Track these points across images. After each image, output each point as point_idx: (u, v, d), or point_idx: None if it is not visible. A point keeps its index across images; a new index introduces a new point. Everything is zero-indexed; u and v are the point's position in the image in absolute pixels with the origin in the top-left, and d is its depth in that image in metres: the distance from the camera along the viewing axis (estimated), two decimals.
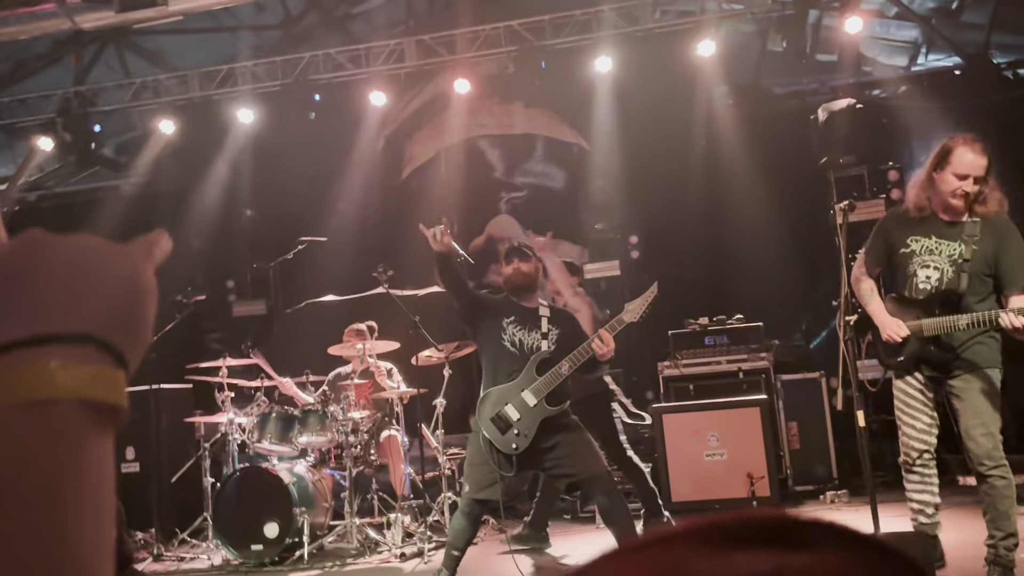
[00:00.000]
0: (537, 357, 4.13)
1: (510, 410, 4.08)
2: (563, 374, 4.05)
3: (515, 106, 8.89)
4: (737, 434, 5.87)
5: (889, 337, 3.62)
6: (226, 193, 9.19)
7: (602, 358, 4.00)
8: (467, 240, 8.34)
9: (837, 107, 7.01)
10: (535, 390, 4.06)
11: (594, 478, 4.06)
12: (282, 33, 9.34)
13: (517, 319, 4.23)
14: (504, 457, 4.09)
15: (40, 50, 8.69)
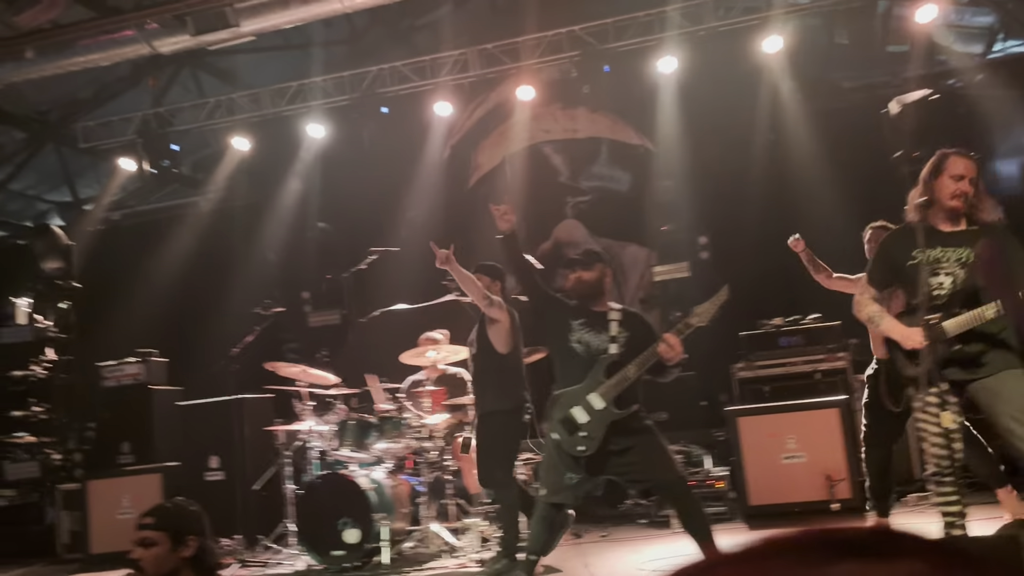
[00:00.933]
0: (605, 360, 4.13)
1: (577, 413, 4.09)
2: (630, 377, 4.03)
3: (579, 110, 8.90)
4: (816, 436, 5.77)
5: (914, 345, 3.60)
6: (299, 206, 9.42)
7: (669, 362, 3.98)
8: (534, 246, 8.38)
9: (910, 99, 6.83)
10: (602, 393, 4.06)
11: (668, 483, 4.04)
12: (349, 48, 9.54)
13: (586, 321, 4.23)
14: (572, 459, 4.10)
15: (120, 74, 9.05)
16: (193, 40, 5.87)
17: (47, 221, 9.93)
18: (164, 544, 2.59)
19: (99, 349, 8.50)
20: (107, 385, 7.83)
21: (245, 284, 8.92)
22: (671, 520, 5.79)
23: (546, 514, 4.23)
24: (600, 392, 4.05)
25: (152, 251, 9.69)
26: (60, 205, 10.77)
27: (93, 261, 9.28)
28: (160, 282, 9.43)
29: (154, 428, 7.64)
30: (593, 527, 6.30)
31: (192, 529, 2.71)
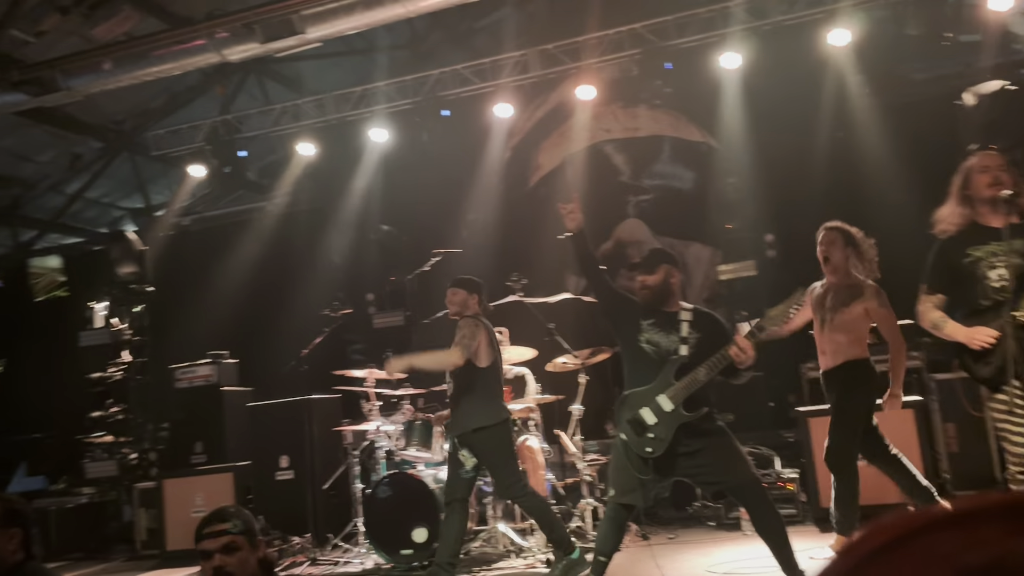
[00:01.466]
0: (675, 361, 4.08)
1: (646, 414, 4.05)
2: (700, 380, 3.97)
3: (640, 109, 8.84)
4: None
5: (981, 344, 3.49)
6: (363, 209, 9.55)
7: (741, 365, 3.92)
8: (595, 246, 8.32)
9: (986, 90, 6.63)
10: (672, 395, 4.01)
11: (741, 485, 3.98)
12: (410, 52, 9.63)
13: (656, 321, 4.18)
14: (641, 461, 4.07)
15: (190, 83, 9.29)
16: (261, 48, 5.99)
17: (122, 227, 10.25)
18: (246, 548, 2.56)
19: (172, 351, 8.75)
20: (180, 386, 8.05)
21: (311, 287, 9.07)
22: (742, 522, 5.72)
23: (615, 515, 4.21)
24: (669, 394, 4.00)
25: (221, 255, 9.93)
26: (133, 211, 11.11)
27: (165, 266, 9.55)
28: (230, 285, 9.66)
29: (225, 428, 7.82)
30: (661, 529, 6.25)
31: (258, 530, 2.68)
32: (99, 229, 11.15)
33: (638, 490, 4.06)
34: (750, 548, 5.05)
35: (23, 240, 10.88)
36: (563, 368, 6.42)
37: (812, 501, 5.78)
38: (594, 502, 6.05)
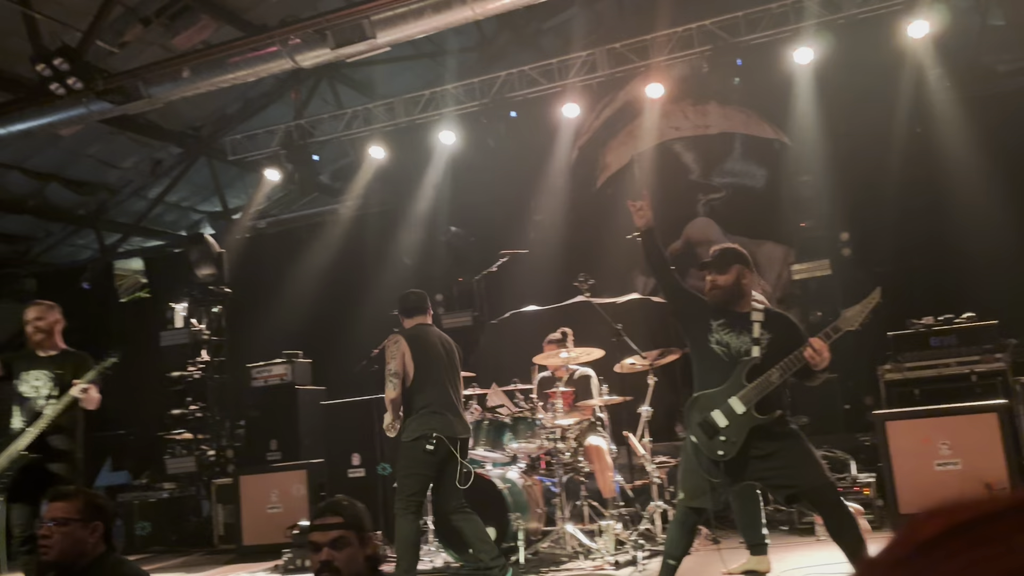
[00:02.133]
0: (747, 363, 3.99)
1: (717, 416, 3.98)
2: (773, 382, 3.89)
3: (710, 106, 8.72)
4: (972, 442, 5.44)
5: None
6: (432, 211, 9.66)
7: (816, 367, 3.82)
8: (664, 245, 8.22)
9: None
10: (743, 397, 3.93)
11: (816, 489, 3.88)
12: (478, 54, 9.70)
13: (727, 322, 4.10)
14: (712, 464, 4.00)
15: (264, 89, 9.54)
16: (332, 53, 6.10)
17: (200, 231, 10.56)
18: (354, 544, 2.49)
19: (248, 351, 8.98)
20: (256, 385, 8.25)
21: (382, 287, 9.20)
22: (815, 527, 5.59)
23: (684, 518, 4.16)
24: (741, 396, 3.93)
25: (295, 257, 10.16)
26: (211, 215, 11.45)
27: (242, 267, 9.81)
28: (303, 286, 9.87)
29: (299, 426, 7.99)
30: (732, 532, 6.15)
31: (370, 526, 2.60)
32: (179, 232, 11.52)
33: (708, 493, 4.00)
34: (824, 554, 4.93)
35: (108, 243, 11.31)
36: (631, 369, 6.37)
37: (889, 506, 5.61)
38: (663, 504, 5.99)
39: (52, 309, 5.31)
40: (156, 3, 7.53)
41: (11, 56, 7.34)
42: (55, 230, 11.16)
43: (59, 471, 4.99)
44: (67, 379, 5.07)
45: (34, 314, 5.23)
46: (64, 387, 5.04)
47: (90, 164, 9.81)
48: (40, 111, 6.55)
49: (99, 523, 3.06)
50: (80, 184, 10.13)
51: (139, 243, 11.58)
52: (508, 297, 7.99)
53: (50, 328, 5.25)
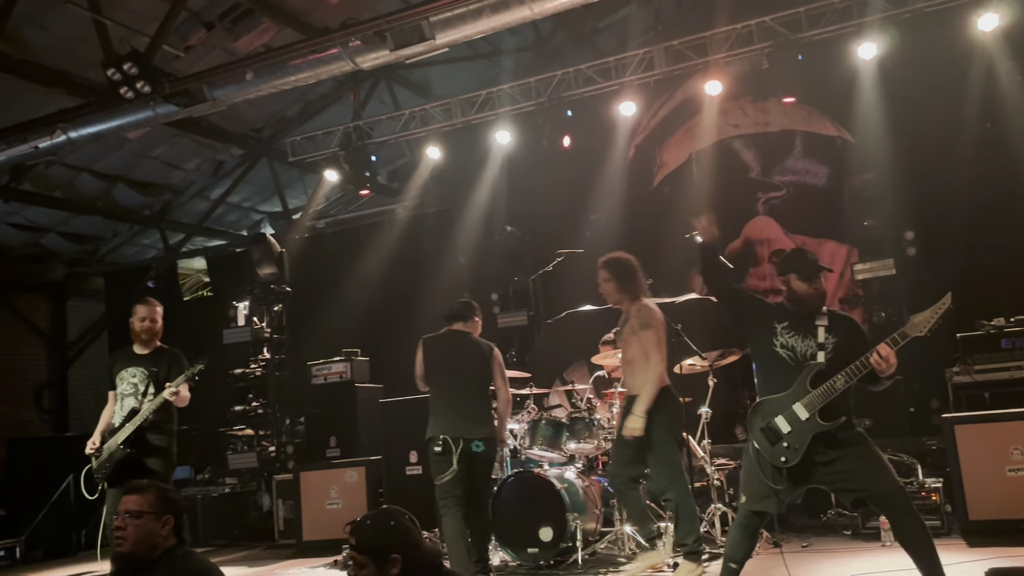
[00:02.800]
0: (811, 368, 3.90)
1: (780, 422, 3.91)
2: (838, 389, 3.80)
3: (770, 103, 8.58)
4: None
5: None
6: (487, 211, 9.69)
7: (882, 374, 3.73)
8: (723, 244, 8.12)
9: None
10: (807, 404, 3.85)
11: (884, 493, 3.79)
12: (534, 54, 9.70)
13: (791, 325, 4.03)
14: (775, 470, 3.94)
15: (323, 91, 9.68)
16: (392, 55, 6.14)
17: (261, 230, 10.76)
18: (370, 567, 2.57)
19: (309, 349, 9.12)
20: (316, 383, 8.38)
21: (438, 286, 9.27)
22: (882, 532, 5.47)
23: (746, 521, 4.10)
24: (805, 402, 3.85)
25: (354, 256, 10.28)
26: (272, 215, 11.65)
27: (302, 267, 9.98)
28: (361, 285, 9.99)
29: (358, 423, 8.08)
30: (794, 536, 6.06)
31: (394, 547, 2.59)
32: (240, 232, 11.75)
33: (771, 497, 3.93)
34: (890, 559, 4.83)
35: (172, 243, 11.58)
36: (690, 370, 6.31)
37: (958, 512, 5.46)
38: (723, 507, 5.93)
39: (159, 309, 5.56)
40: (219, 7, 7.69)
41: (83, 62, 7.56)
42: (122, 230, 11.47)
43: (155, 466, 5.21)
44: (162, 376, 5.32)
45: (144, 313, 5.46)
46: (159, 384, 5.28)
47: (155, 166, 10.06)
48: (110, 115, 6.74)
49: (170, 516, 3.13)
50: (146, 185, 10.40)
51: (202, 243, 11.83)
52: (564, 297, 7.97)
53: (159, 327, 5.51)
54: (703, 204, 4.36)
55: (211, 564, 3.33)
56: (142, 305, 5.49)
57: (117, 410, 5.38)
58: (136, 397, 5.31)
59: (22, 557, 8.90)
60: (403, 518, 2.71)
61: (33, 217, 10.39)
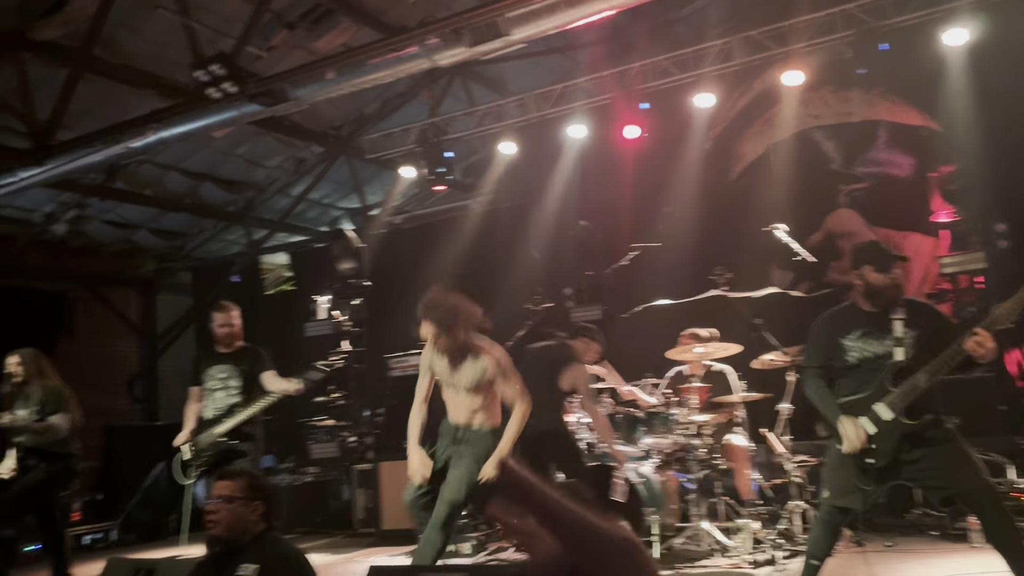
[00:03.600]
0: (890, 368, 3.79)
1: (865, 424, 3.82)
2: (920, 387, 3.68)
3: (852, 93, 8.37)
4: None
5: None
6: (561, 205, 9.70)
7: (981, 359, 3.59)
8: (803, 237, 7.99)
9: None
10: (890, 403, 3.74)
11: (974, 492, 3.68)
12: (610, 47, 9.65)
13: (864, 332, 3.90)
14: (860, 470, 3.85)
15: (400, 89, 9.82)
16: (468, 52, 6.20)
17: (341, 226, 10.99)
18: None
19: (387, 341, 9.29)
20: (394, 375, 8.54)
21: (513, 281, 9.32)
22: (970, 533, 5.31)
23: (829, 518, 4.03)
24: (888, 403, 3.75)
25: (430, 251, 10.42)
26: (351, 211, 11.88)
27: (380, 261, 10.16)
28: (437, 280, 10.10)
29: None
30: (877, 536, 5.93)
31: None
32: (320, 228, 12.02)
33: (856, 493, 3.86)
34: (979, 561, 4.69)
35: (256, 239, 11.92)
36: (770, 365, 6.23)
37: None
38: (804, 504, 5.84)
39: (235, 312, 5.96)
40: (300, 8, 7.88)
41: (172, 64, 7.85)
42: (208, 226, 11.85)
43: (247, 451, 5.68)
44: (248, 372, 5.75)
45: (222, 320, 5.88)
46: (248, 379, 5.71)
47: (239, 164, 10.37)
48: (198, 114, 6.96)
49: (260, 502, 3.25)
50: (230, 183, 10.72)
51: (284, 238, 12.14)
52: (639, 291, 7.93)
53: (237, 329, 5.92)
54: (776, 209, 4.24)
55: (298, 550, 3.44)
56: (218, 312, 5.87)
57: (208, 404, 5.78)
58: (227, 392, 5.70)
59: (118, 540, 9.32)
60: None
61: (125, 214, 10.83)
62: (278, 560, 3.15)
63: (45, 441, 5.78)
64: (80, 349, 11.21)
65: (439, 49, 6.26)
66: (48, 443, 5.79)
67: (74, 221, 10.47)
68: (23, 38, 7.19)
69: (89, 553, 8.79)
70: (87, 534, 9.19)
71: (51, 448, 5.80)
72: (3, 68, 7.32)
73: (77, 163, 7.47)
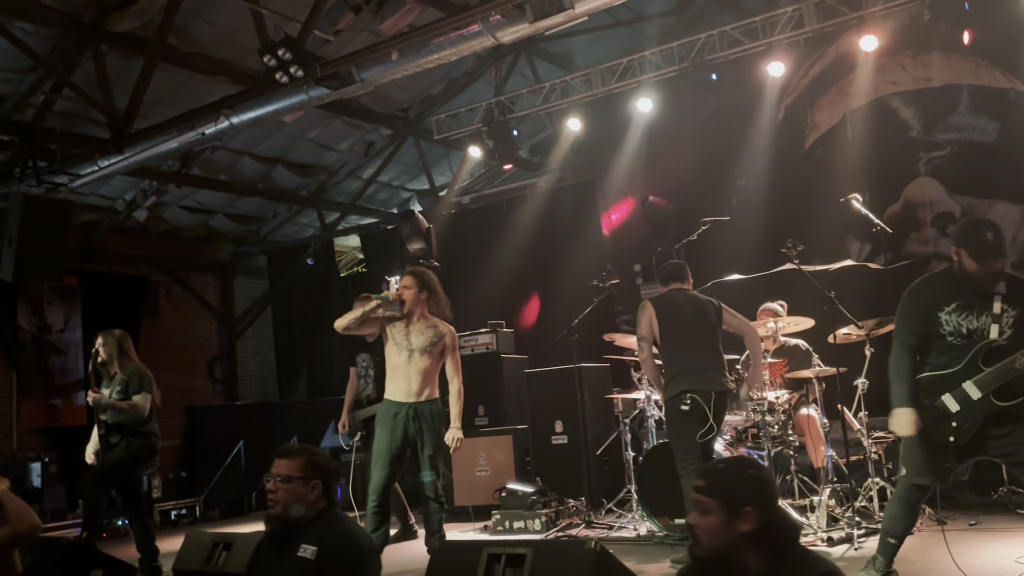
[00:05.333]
0: (984, 346, 3.62)
1: (947, 401, 3.67)
2: (1017, 369, 3.51)
3: (932, 56, 8.03)
4: None
5: None
6: (628, 180, 9.60)
7: None
8: (881, 208, 7.75)
9: None
10: (980, 383, 3.58)
11: None
12: (677, 18, 9.48)
13: (962, 304, 3.73)
14: (940, 447, 3.72)
15: (465, 68, 9.83)
16: (532, 27, 6.15)
17: (410, 207, 11.09)
18: (717, 515, 2.22)
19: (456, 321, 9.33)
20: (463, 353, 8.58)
21: (581, 258, 9.28)
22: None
23: (907, 495, 3.91)
24: (978, 382, 3.59)
25: (498, 230, 10.45)
26: (419, 192, 11.99)
27: (448, 241, 10.22)
28: (505, 258, 10.14)
29: (504, 393, 8.24)
30: (960, 514, 5.74)
31: (750, 499, 2.23)
32: (390, 210, 12.15)
33: (935, 471, 3.73)
34: None
35: (328, 222, 12.13)
36: (846, 339, 6.06)
37: None
38: (880, 481, 5.68)
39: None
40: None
41: (242, 51, 8.02)
42: (281, 210, 12.11)
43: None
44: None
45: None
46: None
47: (310, 148, 10.54)
48: (267, 99, 7.10)
49: (319, 481, 3.22)
50: (302, 167, 10.92)
51: (355, 221, 12.32)
52: (709, 266, 7.80)
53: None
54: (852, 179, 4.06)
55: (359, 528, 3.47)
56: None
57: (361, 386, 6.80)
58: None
59: (201, 516, 9.67)
60: (763, 470, 2.43)
61: (202, 200, 11.14)
62: (338, 540, 3.13)
63: (127, 419, 5.99)
64: (163, 332, 11.62)
65: (502, 26, 6.23)
66: (130, 421, 6.00)
67: (153, 207, 10.82)
68: (101, 30, 7.43)
69: (175, 528, 9.14)
70: (172, 510, 9.55)
71: (133, 426, 6.01)
72: (83, 60, 7.57)
73: (154, 150, 7.71)
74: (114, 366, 6.09)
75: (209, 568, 4.03)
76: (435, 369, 5.38)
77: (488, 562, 3.09)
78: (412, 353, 5.28)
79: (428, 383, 5.32)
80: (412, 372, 5.28)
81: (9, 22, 7.04)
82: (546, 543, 4.83)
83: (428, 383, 5.32)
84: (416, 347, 5.29)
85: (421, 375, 5.28)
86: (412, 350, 5.28)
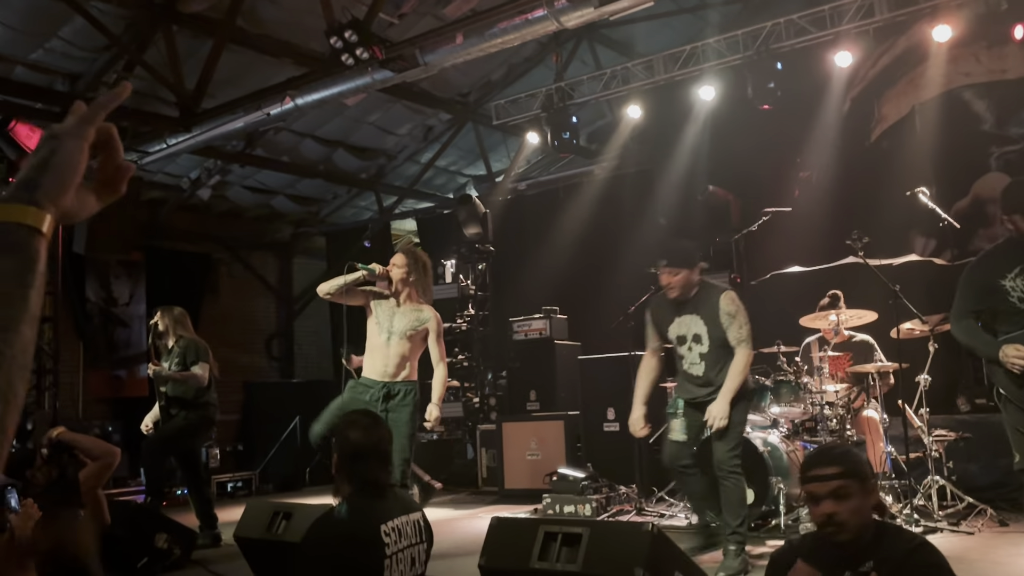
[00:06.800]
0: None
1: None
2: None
3: (1009, 48, 7.80)
4: None
5: None
6: (688, 169, 9.51)
7: None
8: (949, 203, 7.56)
9: None
10: None
11: None
12: (742, 6, 9.34)
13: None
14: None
15: (527, 54, 9.82)
16: (596, 12, 6.13)
17: (467, 192, 11.15)
18: (857, 496, 2.23)
19: (510, 306, 9.40)
20: (517, 338, 8.64)
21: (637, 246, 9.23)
22: None
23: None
24: None
25: (554, 217, 10.44)
26: (476, 178, 12.03)
27: (504, 227, 10.26)
28: (561, 245, 10.13)
29: (556, 379, 8.27)
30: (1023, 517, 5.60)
31: (870, 472, 2.29)
32: (447, 195, 12.23)
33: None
34: None
35: (386, 205, 12.25)
36: (909, 335, 5.95)
37: None
38: (940, 480, 5.57)
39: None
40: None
41: (308, 33, 8.12)
42: (341, 192, 12.26)
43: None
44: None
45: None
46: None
47: (370, 131, 10.65)
48: (332, 81, 7.19)
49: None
50: (362, 150, 11.04)
51: (412, 205, 12.42)
52: (769, 257, 7.72)
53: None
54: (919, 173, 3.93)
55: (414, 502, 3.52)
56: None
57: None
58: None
59: (256, 489, 9.89)
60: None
61: (264, 180, 11.33)
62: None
63: (185, 391, 6.15)
64: (223, 309, 11.87)
65: (566, 10, 6.22)
66: (188, 392, 6.16)
67: (217, 186, 11.04)
68: (173, 11, 7.60)
69: (232, 499, 9.36)
70: (229, 482, 9.79)
71: (190, 397, 6.17)
72: (155, 40, 7.76)
73: (220, 129, 7.87)
74: (171, 339, 6.26)
75: (269, 536, 4.13)
76: (415, 354, 5.24)
77: (544, 539, 3.11)
78: (391, 336, 5.12)
79: (405, 365, 5.18)
80: (390, 355, 5.13)
81: (86, 1, 7.24)
82: (603, 523, 4.85)
83: (405, 365, 5.18)
84: (396, 330, 5.14)
85: (399, 358, 5.13)
86: (392, 332, 5.13)
